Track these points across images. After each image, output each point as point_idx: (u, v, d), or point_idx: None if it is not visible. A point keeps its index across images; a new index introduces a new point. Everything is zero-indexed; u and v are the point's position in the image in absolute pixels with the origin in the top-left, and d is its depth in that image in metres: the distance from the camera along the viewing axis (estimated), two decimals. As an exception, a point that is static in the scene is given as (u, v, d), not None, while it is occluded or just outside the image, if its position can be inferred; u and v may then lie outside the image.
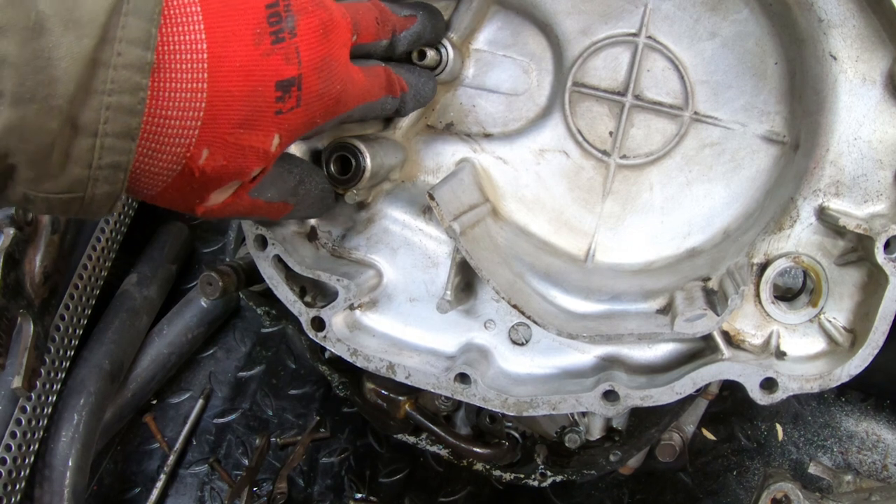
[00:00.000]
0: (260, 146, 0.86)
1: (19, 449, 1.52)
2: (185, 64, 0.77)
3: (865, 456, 1.77)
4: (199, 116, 0.79)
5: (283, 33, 0.84)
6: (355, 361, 1.19)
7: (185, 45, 0.77)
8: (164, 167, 0.81)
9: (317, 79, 0.88)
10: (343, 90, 0.94)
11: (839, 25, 1.02)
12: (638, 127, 1.22)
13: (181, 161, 0.81)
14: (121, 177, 0.76)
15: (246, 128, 0.83)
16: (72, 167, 0.73)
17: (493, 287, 1.12)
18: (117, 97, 0.72)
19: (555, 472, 1.45)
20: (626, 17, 1.19)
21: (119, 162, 0.75)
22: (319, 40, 0.88)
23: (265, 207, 0.99)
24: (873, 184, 1.06)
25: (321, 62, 0.89)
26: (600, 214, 1.26)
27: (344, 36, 0.94)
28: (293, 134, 0.91)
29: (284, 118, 0.87)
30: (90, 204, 0.77)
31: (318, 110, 0.91)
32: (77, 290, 1.68)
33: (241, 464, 1.92)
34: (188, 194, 0.86)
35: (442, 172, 1.27)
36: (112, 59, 0.71)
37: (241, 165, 0.86)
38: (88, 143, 0.72)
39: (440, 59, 1.20)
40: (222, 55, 0.79)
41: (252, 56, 0.81)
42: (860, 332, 1.07)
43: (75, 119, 0.71)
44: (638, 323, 1.12)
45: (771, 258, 1.11)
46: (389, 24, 1.07)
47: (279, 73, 0.84)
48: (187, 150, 0.80)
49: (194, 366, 2.01)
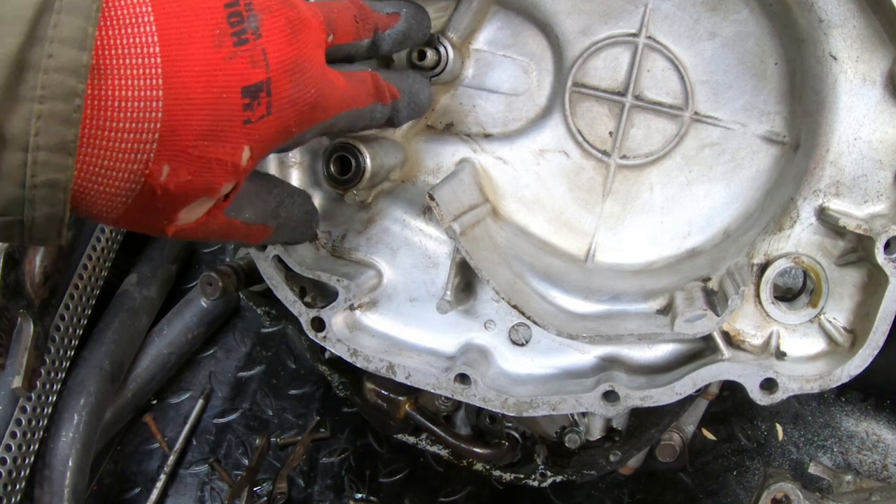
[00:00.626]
0: (228, 159, 0.78)
1: (19, 449, 1.52)
2: (135, 69, 0.69)
3: (865, 456, 1.77)
4: (155, 128, 0.71)
5: (247, 34, 0.77)
6: (355, 362, 1.19)
7: (133, 47, 0.69)
8: (120, 186, 0.72)
9: (288, 82, 0.81)
10: (319, 94, 0.87)
11: (839, 26, 1.02)
12: (638, 127, 1.22)
13: (139, 179, 0.73)
14: (60, 197, 0.68)
15: (211, 139, 0.75)
16: (3, 185, 0.65)
17: (492, 287, 1.12)
18: (49, 104, 0.64)
19: (555, 473, 1.45)
20: (626, 17, 1.19)
21: (56, 180, 0.67)
22: (288, 40, 0.81)
23: (243, 229, 0.92)
24: (873, 184, 1.06)
25: (292, 64, 0.81)
26: (600, 214, 1.26)
27: (316, 36, 0.87)
28: (266, 145, 0.83)
29: (254, 128, 0.79)
30: (32, 228, 0.69)
31: (291, 118, 0.84)
32: (77, 290, 1.68)
33: (241, 464, 1.92)
34: (153, 215, 0.79)
35: (442, 172, 1.27)
36: (42, 62, 0.63)
37: (207, 181, 0.78)
38: (19, 157, 0.64)
39: (439, 59, 1.20)
40: (178, 58, 0.71)
41: (213, 59, 0.74)
42: (860, 332, 1.07)
43: (2, 129, 0.63)
44: (638, 323, 1.12)
45: (771, 258, 1.11)
46: (370, 23, 1.00)
47: (245, 77, 0.76)
48: (145, 166, 0.72)
49: (194, 366, 2.01)
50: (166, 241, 1.96)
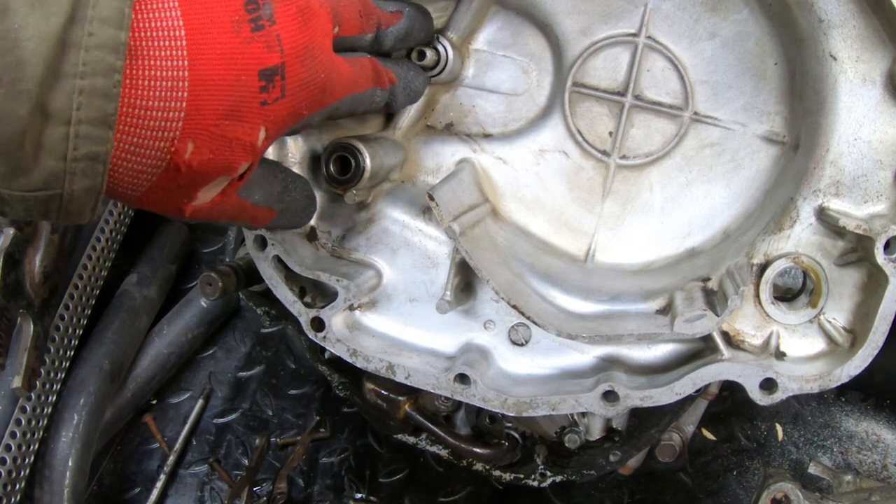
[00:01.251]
0: (246, 139, 0.83)
1: (19, 449, 1.52)
2: (164, 50, 0.73)
3: (865, 456, 1.77)
4: (181, 107, 0.75)
5: (262, 21, 0.81)
6: (355, 362, 1.19)
7: (162, 30, 0.73)
8: (147, 163, 0.77)
9: (301, 67, 0.86)
10: (328, 79, 0.92)
11: (839, 26, 1.02)
12: (638, 127, 1.22)
13: (166, 156, 0.77)
14: (100, 169, 0.72)
15: (231, 119, 0.80)
16: (45, 159, 0.69)
17: (492, 287, 1.12)
18: (90, 80, 0.68)
19: (555, 473, 1.45)
20: (626, 17, 1.19)
21: (97, 152, 0.71)
22: (299, 27, 0.86)
23: (251, 210, 0.96)
24: (873, 184, 1.06)
25: (303, 50, 0.86)
26: (600, 214, 1.26)
27: (324, 25, 0.92)
28: (279, 127, 0.88)
29: (270, 109, 0.84)
30: (70, 202, 0.73)
31: (303, 100, 0.89)
32: (77, 290, 1.68)
33: (241, 464, 1.92)
34: (175, 193, 0.83)
35: (442, 173, 1.27)
36: (83, 40, 0.67)
37: (228, 159, 0.83)
38: (61, 131, 0.68)
39: (439, 59, 1.20)
40: (202, 42, 0.76)
41: (232, 43, 0.78)
42: (860, 332, 1.07)
43: (46, 105, 0.67)
44: (638, 323, 1.12)
45: (771, 258, 1.11)
46: (373, 18, 1.05)
47: (261, 61, 0.81)
48: (171, 143, 0.76)
49: (194, 366, 2.01)
50: (166, 240, 1.97)
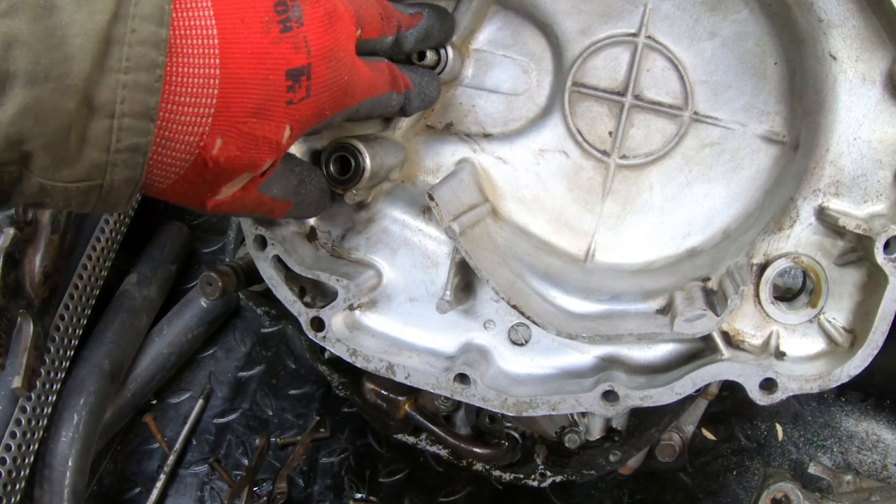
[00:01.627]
0: (272, 137, 0.86)
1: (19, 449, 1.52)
2: (198, 48, 0.76)
3: (865, 456, 1.77)
4: (212, 104, 0.78)
5: (291, 22, 0.83)
6: (355, 362, 1.19)
7: (196, 28, 0.76)
8: (177, 157, 0.79)
9: (326, 68, 0.88)
10: (350, 81, 0.94)
11: (839, 25, 1.02)
12: (638, 127, 1.22)
13: (195, 151, 0.79)
14: (139, 160, 0.75)
15: (259, 117, 0.83)
16: (89, 151, 0.71)
17: (492, 287, 1.12)
18: (133, 75, 0.71)
19: (554, 473, 1.45)
20: (626, 17, 1.19)
21: (138, 144, 0.73)
22: (326, 30, 0.88)
23: (269, 204, 0.98)
24: (873, 184, 1.06)
25: (329, 52, 0.88)
26: (600, 214, 1.26)
27: (349, 28, 0.94)
28: (303, 126, 0.90)
29: (295, 109, 0.86)
30: (109, 193, 0.75)
31: (327, 101, 0.91)
32: (77, 290, 1.68)
33: (241, 464, 1.92)
34: (199, 187, 0.85)
35: (442, 172, 1.27)
36: (126, 36, 0.70)
37: (253, 157, 0.85)
38: (105, 124, 0.71)
39: (439, 59, 1.20)
40: (233, 41, 0.78)
41: (262, 43, 0.81)
42: (860, 332, 1.07)
43: (91, 99, 0.69)
44: (638, 323, 1.12)
45: (771, 258, 1.11)
46: (394, 21, 1.07)
47: (289, 61, 0.83)
48: (201, 138, 0.79)
49: (194, 366, 2.01)
50: (166, 240, 1.97)
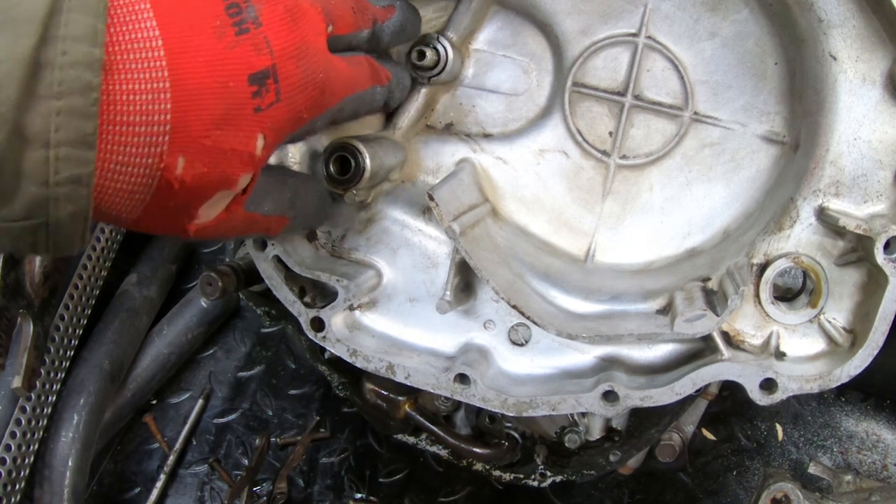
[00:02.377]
0: (243, 149, 0.80)
1: (19, 449, 1.52)
2: (141, 62, 0.71)
3: (865, 456, 1.77)
4: (165, 120, 0.72)
5: (247, 24, 0.78)
6: (355, 362, 1.19)
7: (138, 42, 0.71)
8: (137, 182, 0.73)
9: (295, 67, 0.83)
10: (326, 79, 0.89)
11: (839, 25, 1.02)
12: (638, 127, 1.22)
13: (155, 173, 0.73)
14: (83, 192, 0.68)
15: (224, 128, 0.77)
16: (26, 185, 0.65)
17: (492, 287, 1.12)
18: (67, 100, 0.65)
19: (554, 473, 1.45)
20: (626, 17, 1.19)
21: (79, 175, 0.67)
22: (289, 27, 0.83)
23: (263, 222, 0.93)
24: (873, 184, 1.06)
25: (296, 50, 0.83)
26: (600, 214, 1.26)
27: (316, 23, 0.89)
28: (278, 133, 0.84)
29: (266, 115, 0.81)
30: (57, 231, 0.69)
31: (301, 103, 0.85)
32: (77, 290, 1.68)
33: (241, 464, 1.92)
34: (173, 213, 0.79)
35: (442, 172, 1.27)
36: (57, 59, 0.65)
37: (224, 172, 0.79)
38: (41, 155, 0.65)
39: (439, 59, 1.20)
40: (182, 50, 0.73)
41: (216, 49, 0.75)
42: (860, 332, 1.07)
43: (23, 128, 0.64)
44: (638, 323, 1.12)
45: (771, 258, 1.11)
46: (368, 14, 1.02)
47: (250, 65, 0.78)
48: (160, 159, 0.73)
49: (194, 366, 2.01)
50: (166, 240, 1.96)
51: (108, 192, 0.73)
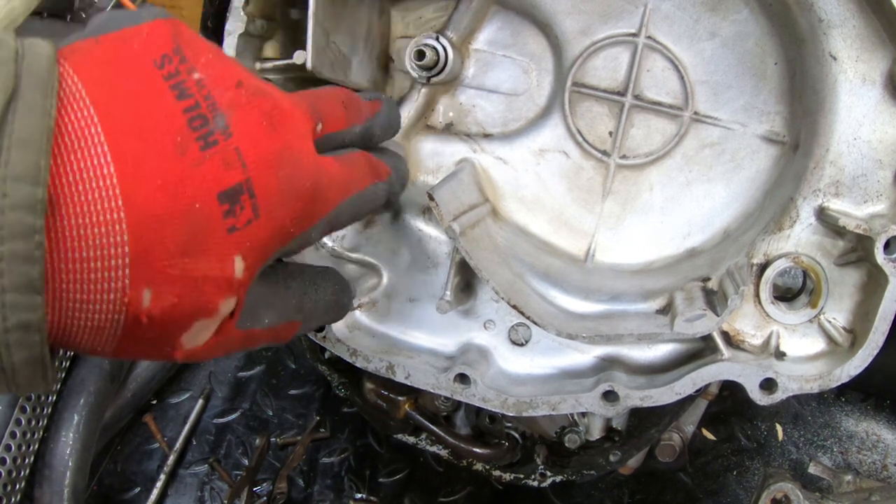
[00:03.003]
0: (217, 274, 0.72)
1: (19, 449, 1.52)
2: (90, 194, 0.65)
3: (865, 456, 1.77)
4: (124, 252, 0.66)
5: (214, 136, 0.71)
6: (355, 362, 1.19)
7: (86, 171, 0.65)
8: (102, 319, 0.68)
9: (273, 178, 0.74)
10: (315, 186, 0.80)
11: (839, 26, 1.02)
12: (638, 127, 1.22)
13: (121, 309, 0.68)
14: (36, 338, 0.64)
15: (192, 255, 0.70)
16: None
17: (492, 287, 1.12)
18: (9, 245, 0.61)
19: (554, 473, 1.45)
20: (626, 17, 1.19)
21: (28, 321, 0.63)
22: (265, 134, 0.75)
23: (267, 335, 0.84)
24: (873, 184, 1.06)
25: (275, 158, 0.75)
26: (600, 214, 1.26)
27: (300, 126, 0.81)
28: (260, 252, 0.76)
29: (242, 234, 0.72)
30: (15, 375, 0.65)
31: (285, 216, 0.77)
32: (77, 290, 1.68)
33: (241, 464, 1.92)
34: (150, 345, 0.73)
35: (442, 172, 1.27)
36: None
37: (198, 301, 0.72)
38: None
39: (438, 59, 1.20)
40: (137, 175, 0.66)
41: (177, 169, 0.68)
42: (860, 332, 1.07)
43: None
44: (638, 323, 1.12)
45: (771, 258, 1.11)
46: (360, 109, 0.94)
47: (219, 181, 0.70)
48: (123, 293, 0.67)
49: (194, 366, 2.01)
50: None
51: (71, 330, 0.68)
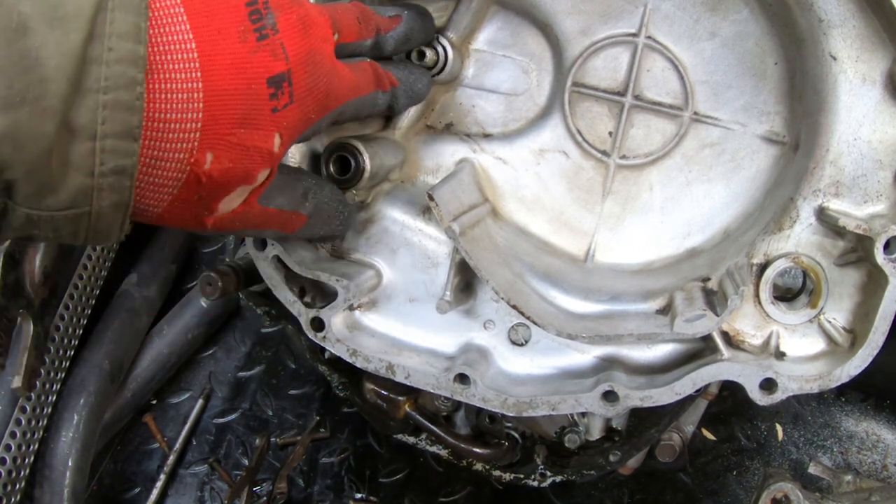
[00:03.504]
0: (263, 146, 0.85)
1: (19, 449, 1.52)
2: (177, 63, 0.75)
3: (865, 456, 1.77)
4: (198, 118, 0.77)
5: (266, 30, 0.83)
6: (355, 362, 1.19)
7: (174, 43, 0.75)
8: (169, 176, 0.78)
9: (304, 73, 0.88)
10: (330, 84, 0.93)
11: (839, 26, 1.02)
12: (638, 127, 1.22)
13: (186, 168, 0.78)
14: (126, 183, 0.73)
15: (246, 127, 0.82)
16: (73, 176, 0.70)
17: (492, 287, 1.12)
18: (113, 94, 0.69)
19: (554, 473, 1.45)
20: (626, 18, 1.19)
21: (123, 166, 0.72)
22: (301, 35, 0.88)
23: (277, 217, 0.97)
24: (873, 184, 1.06)
25: (307, 56, 0.88)
26: (600, 214, 1.26)
27: (324, 31, 0.93)
28: (292, 132, 0.89)
29: (281, 115, 0.86)
30: (98, 220, 0.74)
31: (310, 105, 0.90)
32: (77, 290, 1.68)
33: (241, 464, 1.92)
34: (196, 206, 0.84)
35: (441, 172, 1.27)
36: (103, 55, 0.68)
37: (246, 167, 0.84)
38: (87, 147, 0.69)
39: (438, 59, 1.20)
40: (212, 53, 0.77)
41: (241, 53, 0.80)
42: (860, 332, 1.07)
43: (71, 121, 0.68)
44: (638, 323, 1.12)
45: (771, 258, 1.11)
46: (372, 24, 1.06)
47: (269, 69, 0.83)
48: (191, 154, 0.78)
49: (194, 366, 2.01)
50: (167, 240, 1.96)
51: (142, 185, 0.77)
